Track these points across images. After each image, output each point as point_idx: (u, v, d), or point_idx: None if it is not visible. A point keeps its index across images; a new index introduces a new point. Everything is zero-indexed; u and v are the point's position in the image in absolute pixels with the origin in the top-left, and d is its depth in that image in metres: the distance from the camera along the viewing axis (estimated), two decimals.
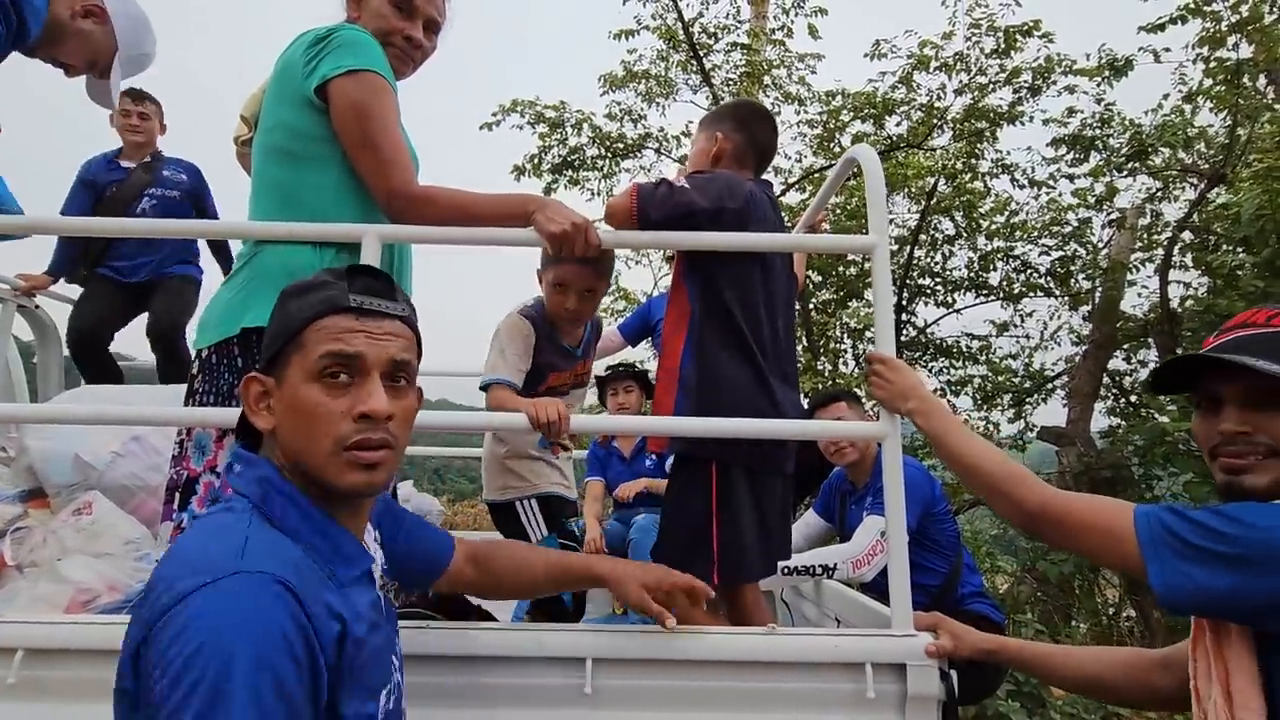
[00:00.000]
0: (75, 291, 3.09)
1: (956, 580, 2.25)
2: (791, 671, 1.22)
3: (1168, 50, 6.30)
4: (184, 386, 1.45)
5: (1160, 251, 6.73)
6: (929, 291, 7.31)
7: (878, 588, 2.33)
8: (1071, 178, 6.86)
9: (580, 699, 1.17)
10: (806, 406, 2.61)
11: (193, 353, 1.43)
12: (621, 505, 2.99)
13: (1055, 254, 7.11)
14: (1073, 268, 7.10)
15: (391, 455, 0.86)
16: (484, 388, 1.74)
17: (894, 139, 6.76)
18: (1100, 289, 6.84)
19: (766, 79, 7.10)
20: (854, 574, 2.13)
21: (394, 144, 1.36)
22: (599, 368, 3.21)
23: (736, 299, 1.50)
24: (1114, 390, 7.49)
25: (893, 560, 1.30)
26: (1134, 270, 6.90)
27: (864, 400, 2.78)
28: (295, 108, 1.37)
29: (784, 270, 1.64)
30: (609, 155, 7.44)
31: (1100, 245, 7.14)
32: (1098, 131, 6.42)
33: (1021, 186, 6.92)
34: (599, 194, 7.81)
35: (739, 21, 7.19)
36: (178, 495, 1.34)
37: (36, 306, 2.99)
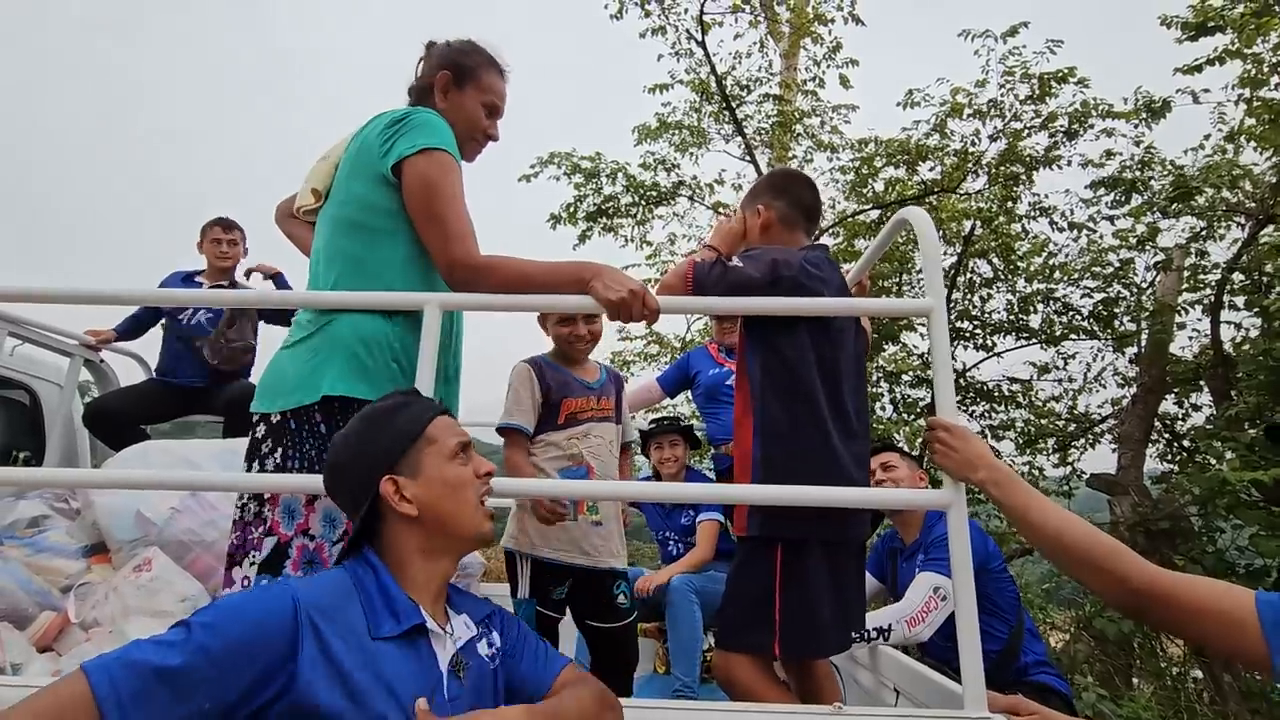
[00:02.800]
0: (137, 347, 3.21)
1: (1018, 646, 2.14)
2: None
3: (1206, 91, 6.25)
4: (242, 440, 1.48)
5: (1208, 292, 6.55)
6: (968, 335, 7.21)
7: (936, 653, 2.24)
8: (1112, 219, 6.77)
9: None
10: None
11: (256, 416, 1.43)
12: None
13: (1098, 296, 6.98)
14: (1116, 309, 6.95)
15: None
16: (500, 431, 1.94)
17: (928, 184, 6.77)
18: (1147, 331, 6.66)
19: (798, 128, 7.21)
20: (909, 633, 2.04)
21: (458, 217, 1.41)
22: (642, 422, 3.22)
23: (800, 365, 1.49)
24: (1165, 435, 7.21)
25: (963, 635, 1.24)
26: (1182, 312, 6.72)
27: (913, 453, 2.73)
28: (370, 183, 1.44)
29: (851, 329, 1.61)
30: (643, 203, 7.58)
31: (1145, 286, 6.98)
32: (1138, 174, 6.35)
33: (1060, 229, 6.85)
34: (632, 240, 7.94)
35: (771, 74, 7.35)
36: (257, 559, 1.32)
37: (101, 360, 3.12)
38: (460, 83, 1.58)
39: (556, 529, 1.90)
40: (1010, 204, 6.63)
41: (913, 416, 6.89)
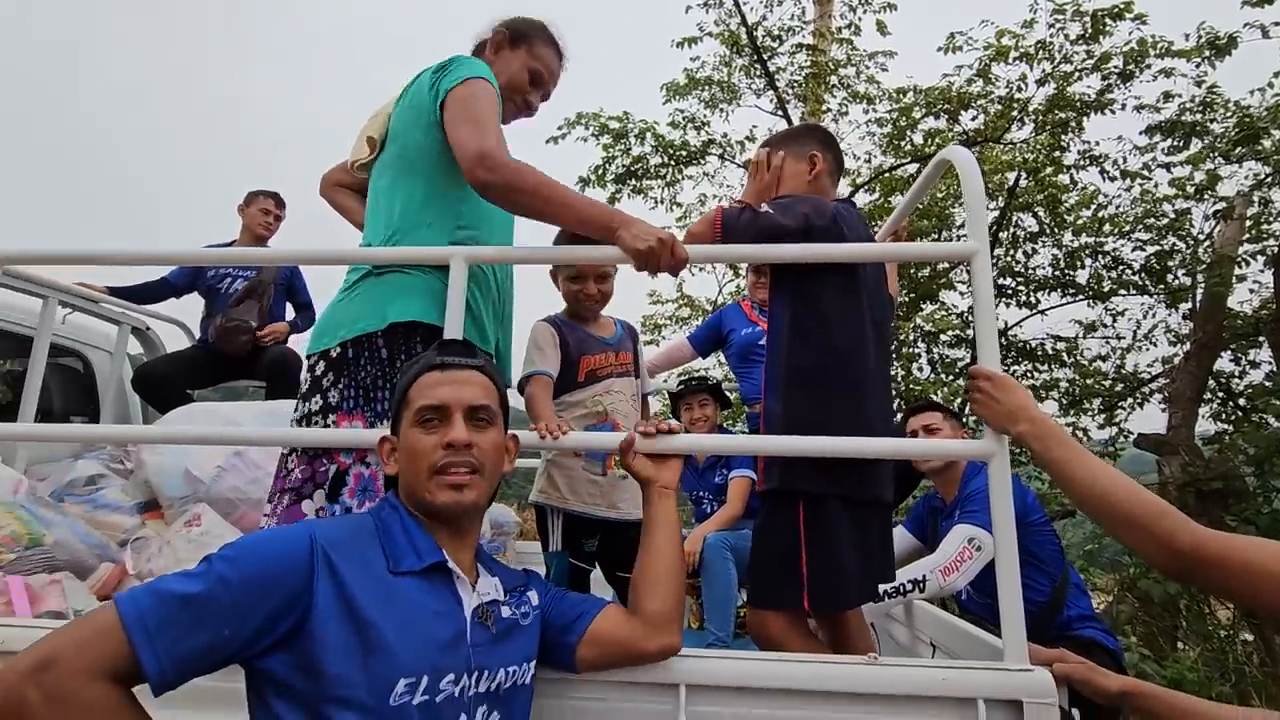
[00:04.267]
0: (181, 315, 3.29)
1: (1063, 600, 2.09)
2: (894, 704, 1.16)
3: (1277, 24, 5.80)
4: (286, 403, 1.52)
5: (1272, 243, 6.19)
6: (1010, 292, 6.96)
7: (974, 610, 2.21)
8: (1168, 166, 6.39)
9: None
10: (899, 419, 2.51)
11: (310, 360, 1.49)
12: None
13: (1150, 248, 6.65)
14: (1170, 263, 6.62)
15: (478, 479, 1.05)
16: (523, 380, 1.84)
17: (970, 134, 6.48)
18: (1203, 285, 6.34)
19: (833, 79, 6.95)
20: (944, 583, 2.01)
21: (493, 120, 1.43)
22: (673, 381, 3.20)
23: (830, 316, 1.45)
24: (1220, 393, 6.92)
25: (1003, 586, 1.22)
26: (1242, 264, 6.37)
27: (956, 412, 2.66)
28: (421, 129, 1.49)
29: (878, 288, 1.57)
30: (672, 163, 7.44)
31: (1202, 238, 6.63)
32: (1198, 116, 5.97)
33: (1112, 178, 6.49)
34: (661, 202, 7.82)
35: (804, 22, 7.07)
36: (321, 490, 1.39)
37: (148, 328, 3.22)
38: (514, 43, 1.64)
39: (585, 483, 1.91)
40: (1058, 153, 6.31)
41: (951, 377, 6.73)
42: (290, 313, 3.37)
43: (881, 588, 1.93)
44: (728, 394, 3.14)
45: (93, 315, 3.02)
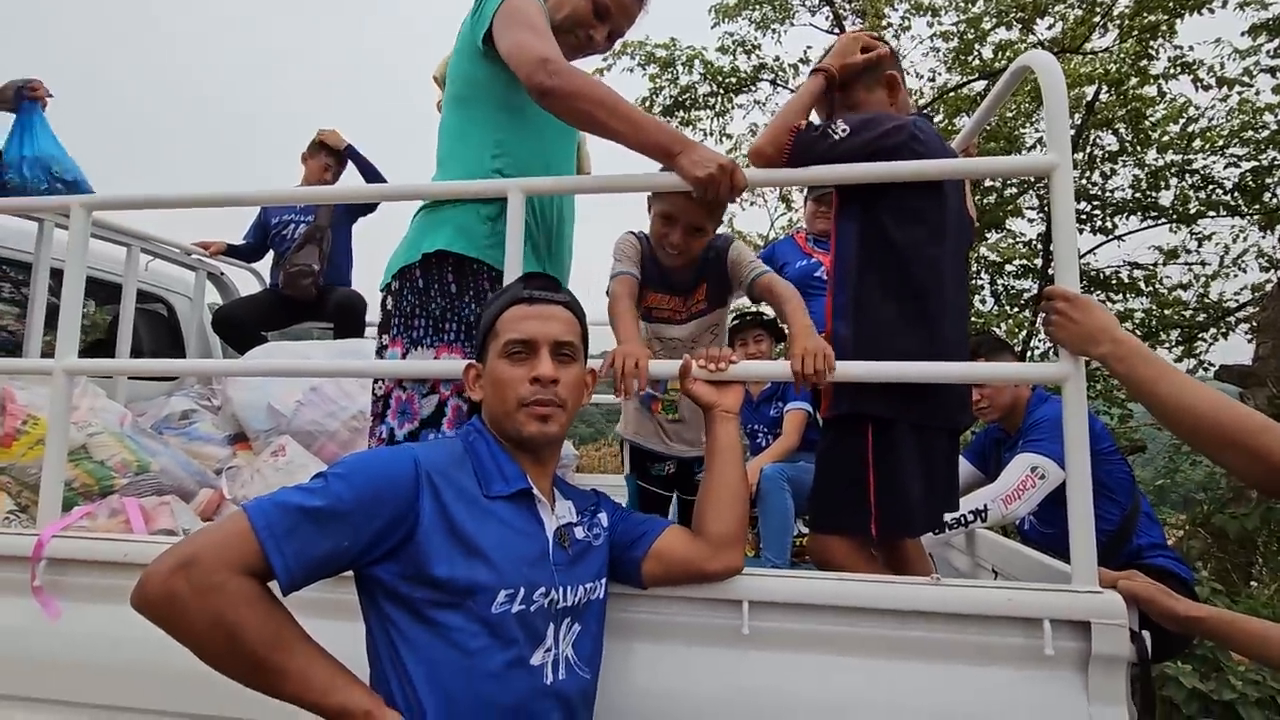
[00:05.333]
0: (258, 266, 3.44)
1: (1132, 529, 2.04)
2: (957, 623, 1.17)
3: None
4: (355, 341, 1.59)
5: None
6: (1085, 216, 6.56)
7: (1035, 538, 2.19)
8: (1274, 71, 5.80)
9: (738, 639, 1.19)
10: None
11: (382, 295, 1.56)
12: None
13: (1246, 165, 6.11)
14: (1269, 179, 6.08)
15: (561, 412, 1.09)
16: (608, 290, 1.74)
17: (1046, 44, 6.00)
18: None
19: None
20: (1006, 511, 1.99)
21: (547, 29, 1.41)
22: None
23: (902, 242, 1.39)
24: None
25: (1075, 513, 1.20)
26: None
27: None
28: (468, 59, 1.50)
29: (958, 206, 1.48)
30: (721, 91, 7.17)
31: None
32: None
33: (1206, 87, 5.94)
34: (711, 133, 7.58)
35: None
36: (379, 410, 1.49)
37: (222, 274, 3.37)
38: None
39: (642, 420, 2.04)
40: (1144, 62, 5.79)
41: (1016, 309, 6.46)
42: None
43: (945, 517, 1.92)
44: (782, 328, 3.10)
45: (171, 261, 3.18)
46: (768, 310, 3.57)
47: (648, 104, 7.20)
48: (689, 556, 1.17)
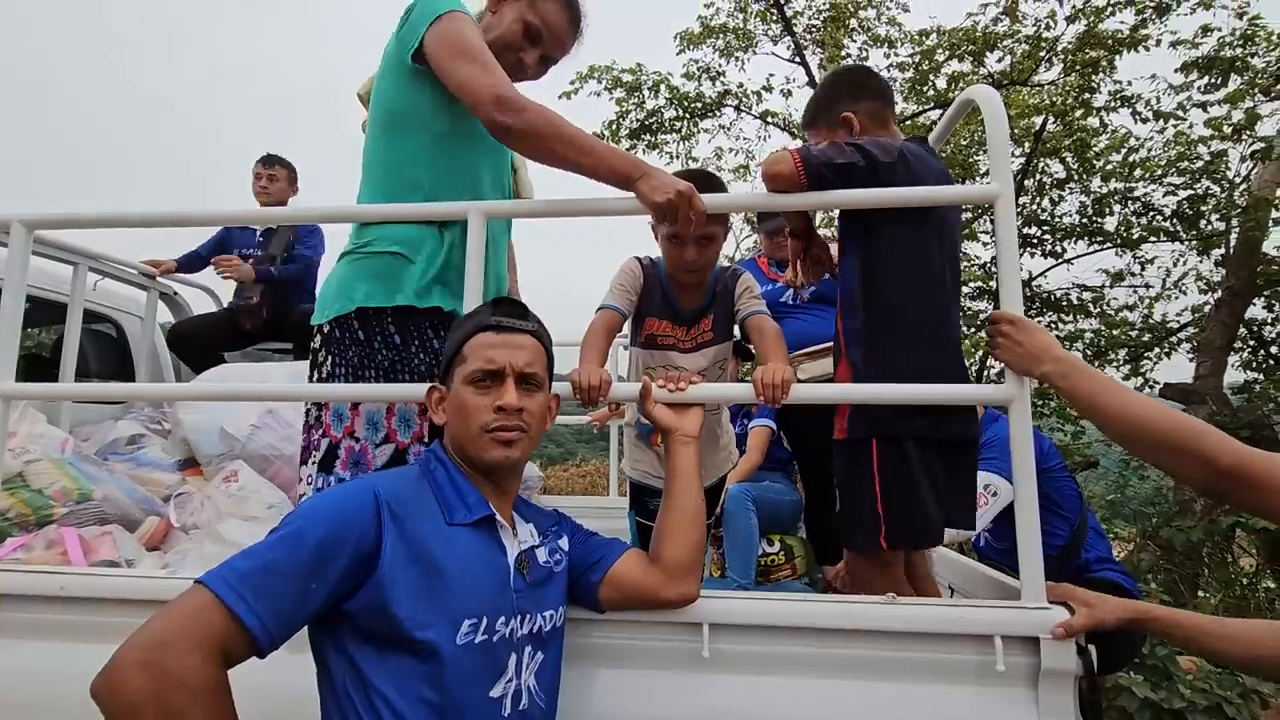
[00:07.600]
0: (209, 282, 3.36)
1: (1080, 544, 2.10)
2: (914, 641, 1.19)
3: None
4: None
5: None
6: (1035, 241, 6.81)
7: (990, 554, 2.24)
8: (1205, 106, 6.15)
9: (699, 662, 1.19)
10: None
11: (314, 329, 1.49)
12: None
13: (1183, 193, 6.44)
14: (1203, 207, 6.42)
15: (525, 438, 1.10)
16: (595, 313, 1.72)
17: (995, 76, 6.26)
18: (1238, 229, 6.15)
19: (852, 21, 6.71)
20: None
21: (490, 56, 1.36)
22: None
23: (906, 260, 1.43)
24: (1251, 342, 6.78)
25: (1022, 530, 1.23)
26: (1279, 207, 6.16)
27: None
28: (396, 78, 1.43)
29: (957, 225, 1.53)
30: (687, 116, 7.29)
31: (1238, 180, 6.40)
32: (1238, 51, 5.70)
33: (1144, 120, 6.27)
34: (677, 156, 7.70)
35: None
36: (316, 458, 1.43)
37: (175, 294, 3.28)
38: None
39: (637, 449, 1.98)
40: (1087, 95, 6.09)
41: (972, 330, 6.65)
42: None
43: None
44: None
45: (121, 280, 3.08)
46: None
47: (615, 127, 7.29)
48: (645, 583, 1.17)
